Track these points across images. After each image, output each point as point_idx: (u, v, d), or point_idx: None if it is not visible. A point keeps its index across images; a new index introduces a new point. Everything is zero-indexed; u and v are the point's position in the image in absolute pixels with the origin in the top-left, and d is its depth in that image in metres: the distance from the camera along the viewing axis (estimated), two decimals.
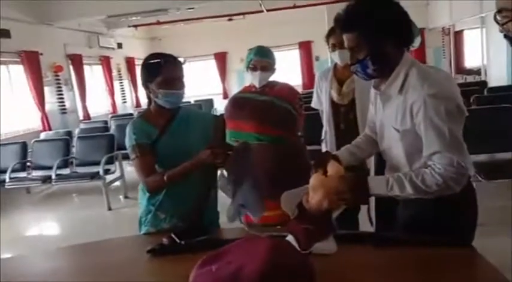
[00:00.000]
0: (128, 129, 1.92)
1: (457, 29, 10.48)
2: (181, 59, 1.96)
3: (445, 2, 9.56)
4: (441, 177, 1.38)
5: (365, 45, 1.47)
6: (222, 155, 1.76)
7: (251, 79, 2.51)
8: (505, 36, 1.12)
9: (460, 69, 10.61)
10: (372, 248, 1.50)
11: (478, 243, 1.53)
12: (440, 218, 1.51)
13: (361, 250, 1.51)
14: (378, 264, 1.41)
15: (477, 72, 9.37)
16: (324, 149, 2.83)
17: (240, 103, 2.53)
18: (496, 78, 7.81)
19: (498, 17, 1.11)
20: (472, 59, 10.29)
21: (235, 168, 1.77)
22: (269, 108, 2.47)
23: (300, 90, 11.58)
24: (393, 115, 1.52)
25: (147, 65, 1.90)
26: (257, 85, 2.49)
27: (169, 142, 1.89)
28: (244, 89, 2.67)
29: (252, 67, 2.46)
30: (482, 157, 3.97)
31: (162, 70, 1.85)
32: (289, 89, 2.65)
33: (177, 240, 1.64)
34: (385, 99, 1.57)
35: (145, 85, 1.91)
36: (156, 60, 1.86)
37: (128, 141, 1.91)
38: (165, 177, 1.80)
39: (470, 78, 9.57)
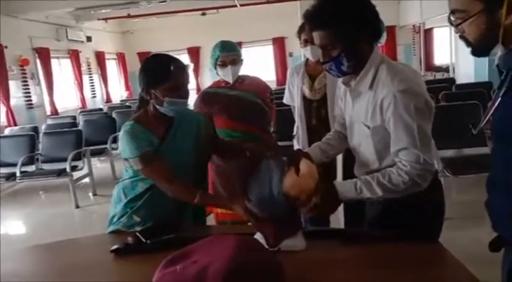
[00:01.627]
0: (126, 138, 1.72)
1: (427, 27, 10.70)
2: (188, 64, 1.83)
3: (415, 0, 9.74)
4: (407, 175, 1.39)
5: (339, 42, 1.44)
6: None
7: (222, 76, 2.48)
8: (461, 37, 1.12)
9: (429, 67, 10.85)
10: (340, 244, 1.50)
11: (446, 236, 1.56)
12: (408, 213, 1.52)
13: (330, 246, 1.51)
14: (347, 260, 1.41)
15: (445, 69, 9.61)
16: (295, 145, 2.83)
17: (210, 99, 2.50)
18: (463, 76, 8.02)
19: (452, 18, 1.11)
20: (441, 57, 10.55)
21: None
22: (240, 103, 2.44)
23: (273, 86, 11.67)
24: (363, 111, 1.51)
25: (153, 69, 1.74)
26: (230, 80, 2.47)
27: (169, 149, 1.77)
28: (214, 84, 2.64)
29: (221, 63, 2.43)
30: (449, 152, 4.05)
31: (171, 77, 1.69)
32: (259, 83, 2.63)
33: (143, 239, 1.59)
34: (355, 95, 1.56)
35: (147, 90, 1.74)
36: (165, 65, 1.70)
37: (129, 152, 1.72)
38: (196, 199, 1.69)
39: (439, 76, 9.80)
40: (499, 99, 1.07)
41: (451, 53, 8.77)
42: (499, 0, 1.02)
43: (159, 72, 1.71)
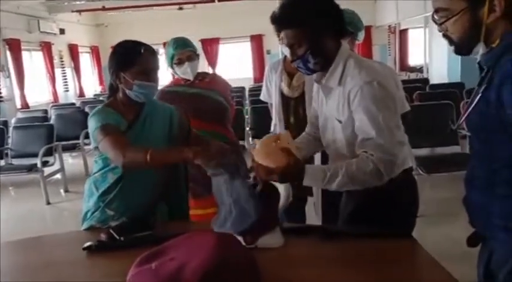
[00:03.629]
0: (91, 117, 1.72)
1: (402, 27, 10.89)
2: (157, 49, 1.83)
3: (391, 1, 9.89)
4: (372, 163, 1.40)
5: (304, 41, 1.48)
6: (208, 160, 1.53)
7: (181, 74, 2.43)
8: (444, 35, 1.14)
9: (404, 67, 11.05)
10: (317, 240, 1.50)
11: (419, 232, 1.58)
12: (383, 210, 1.55)
13: (308, 243, 1.51)
14: (323, 257, 1.41)
15: (420, 70, 9.80)
16: None
17: (170, 97, 2.43)
18: (437, 76, 8.20)
19: (436, 17, 1.13)
20: (415, 57, 10.75)
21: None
22: (201, 102, 2.40)
23: (251, 83, 11.66)
24: (335, 107, 1.54)
25: (122, 52, 1.74)
26: (190, 78, 2.43)
27: (137, 135, 1.74)
28: (172, 82, 2.59)
29: (178, 62, 2.39)
30: (423, 151, 4.14)
31: (141, 59, 1.70)
32: (220, 80, 2.61)
33: (116, 236, 1.55)
34: (327, 92, 1.59)
35: (116, 74, 1.74)
36: (135, 48, 1.71)
37: (93, 125, 1.69)
38: (148, 156, 1.55)
39: (413, 76, 10.00)
40: (479, 95, 1.08)
41: (425, 53, 8.96)
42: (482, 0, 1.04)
43: (129, 55, 1.72)
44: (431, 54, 8.57)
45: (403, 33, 11.10)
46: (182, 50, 2.38)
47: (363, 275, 1.28)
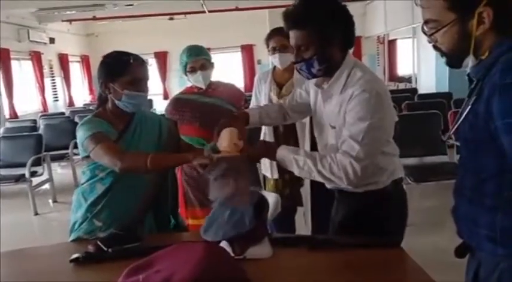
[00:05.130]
0: (80, 127, 1.72)
1: (391, 38, 11.02)
2: (147, 59, 1.84)
3: (380, 12, 10.03)
4: (340, 163, 1.42)
5: (313, 44, 1.46)
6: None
7: (193, 82, 2.43)
8: (434, 47, 1.16)
9: (393, 77, 11.16)
10: (306, 251, 1.50)
11: (407, 242, 1.59)
12: (372, 219, 1.56)
13: (296, 253, 1.51)
14: (312, 267, 1.41)
15: (408, 79, 9.90)
16: None
17: (181, 105, 2.44)
18: (425, 86, 8.29)
19: (425, 28, 1.15)
20: (404, 67, 10.87)
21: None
22: (213, 111, 2.40)
23: None
24: (332, 112, 1.54)
25: (112, 62, 1.75)
26: (203, 86, 2.42)
27: (127, 145, 1.74)
28: (186, 89, 2.59)
29: (190, 70, 2.39)
30: (412, 160, 4.17)
31: (129, 69, 1.71)
32: (234, 90, 2.60)
33: (104, 248, 1.53)
34: (327, 97, 1.58)
35: (105, 84, 1.74)
36: (124, 58, 1.72)
37: (82, 135, 1.69)
38: (148, 161, 1.57)
39: (402, 86, 10.09)
40: (469, 107, 1.10)
41: (414, 64, 9.06)
42: (471, 11, 1.06)
43: (118, 65, 1.73)
44: (420, 65, 8.67)
45: (392, 43, 11.24)
46: (195, 58, 2.37)
47: None
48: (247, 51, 12.69)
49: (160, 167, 1.70)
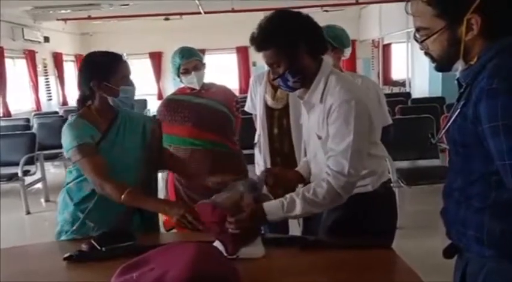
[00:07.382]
0: (67, 130, 1.75)
1: (386, 42, 11.07)
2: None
3: (375, 16, 10.10)
4: (331, 186, 1.44)
5: (282, 60, 1.51)
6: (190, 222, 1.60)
7: (187, 83, 2.44)
8: (426, 53, 1.19)
9: (387, 81, 11.21)
10: (298, 251, 1.51)
11: (398, 244, 1.61)
12: (362, 221, 1.58)
13: (288, 253, 1.53)
14: (304, 268, 1.43)
15: (402, 84, 9.96)
16: (257, 153, 2.83)
17: (174, 106, 2.45)
18: (419, 90, 8.36)
19: (417, 35, 1.18)
20: (398, 71, 10.93)
21: None
22: (204, 112, 2.41)
23: (237, 94, 11.64)
24: (316, 122, 1.57)
25: (103, 62, 1.78)
26: (197, 87, 2.43)
27: (110, 145, 1.77)
28: (178, 90, 2.60)
29: (184, 71, 2.39)
30: (404, 164, 4.21)
31: (122, 66, 1.80)
32: (226, 91, 2.61)
33: (97, 247, 1.54)
34: (309, 108, 1.62)
35: (97, 83, 1.75)
36: (115, 56, 1.81)
37: (68, 143, 1.74)
38: (123, 197, 1.66)
39: (396, 90, 10.16)
40: (458, 110, 1.12)
41: (408, 68, 9.13)
42: (460, 18, 1.09)
43: (111, 63, 1.78)
44: (414, 69, 8.74)
45: (387, 47, 11.30)
46: (188, 60, 2.38)
47: None
48: (243, 53, 12.70)
49: (132, 205, 1.74)
